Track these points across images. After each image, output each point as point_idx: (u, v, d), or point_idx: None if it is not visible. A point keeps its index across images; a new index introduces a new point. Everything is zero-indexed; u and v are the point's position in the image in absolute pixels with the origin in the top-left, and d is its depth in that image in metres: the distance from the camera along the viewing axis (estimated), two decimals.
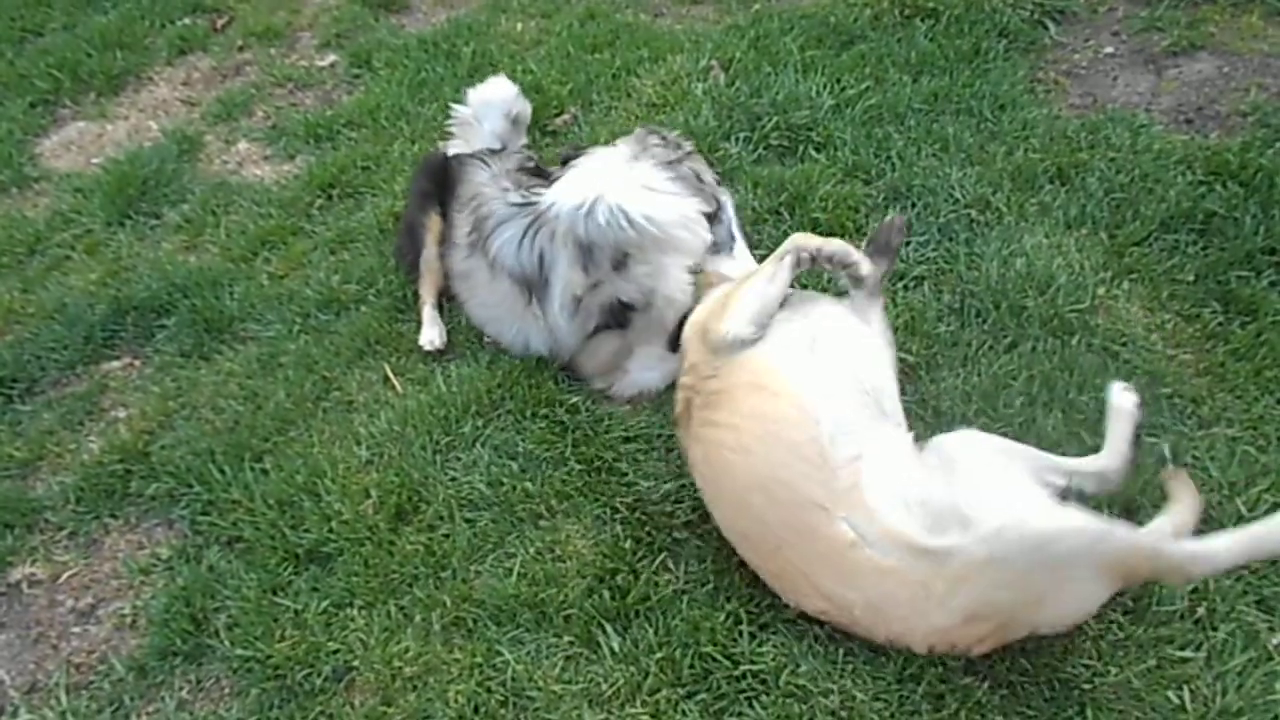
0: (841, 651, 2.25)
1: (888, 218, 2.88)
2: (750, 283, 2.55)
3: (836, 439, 2.22)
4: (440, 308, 3.31)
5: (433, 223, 3.33)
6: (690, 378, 2.50)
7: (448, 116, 3.95)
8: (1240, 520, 2.35)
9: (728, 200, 3.11)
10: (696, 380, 2.47)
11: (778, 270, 2.54)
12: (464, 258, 3.19)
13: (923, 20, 4.20)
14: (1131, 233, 3.13)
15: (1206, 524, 2.36)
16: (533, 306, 2.98)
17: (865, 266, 2.62)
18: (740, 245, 3.06)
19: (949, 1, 4.20)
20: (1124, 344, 2.83)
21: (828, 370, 2.37)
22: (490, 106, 3.69)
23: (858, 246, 2.68)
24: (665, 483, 2.68)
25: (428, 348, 3.17)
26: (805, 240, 2.60)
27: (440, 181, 3.40)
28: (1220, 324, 2.86)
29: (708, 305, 2.66)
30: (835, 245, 2.61)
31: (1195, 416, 2.64)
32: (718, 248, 2.97)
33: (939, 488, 2.15)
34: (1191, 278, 2.99)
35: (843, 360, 2.42)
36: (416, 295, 3.34)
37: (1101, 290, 2.98)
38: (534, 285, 2.95)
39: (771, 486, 2.24)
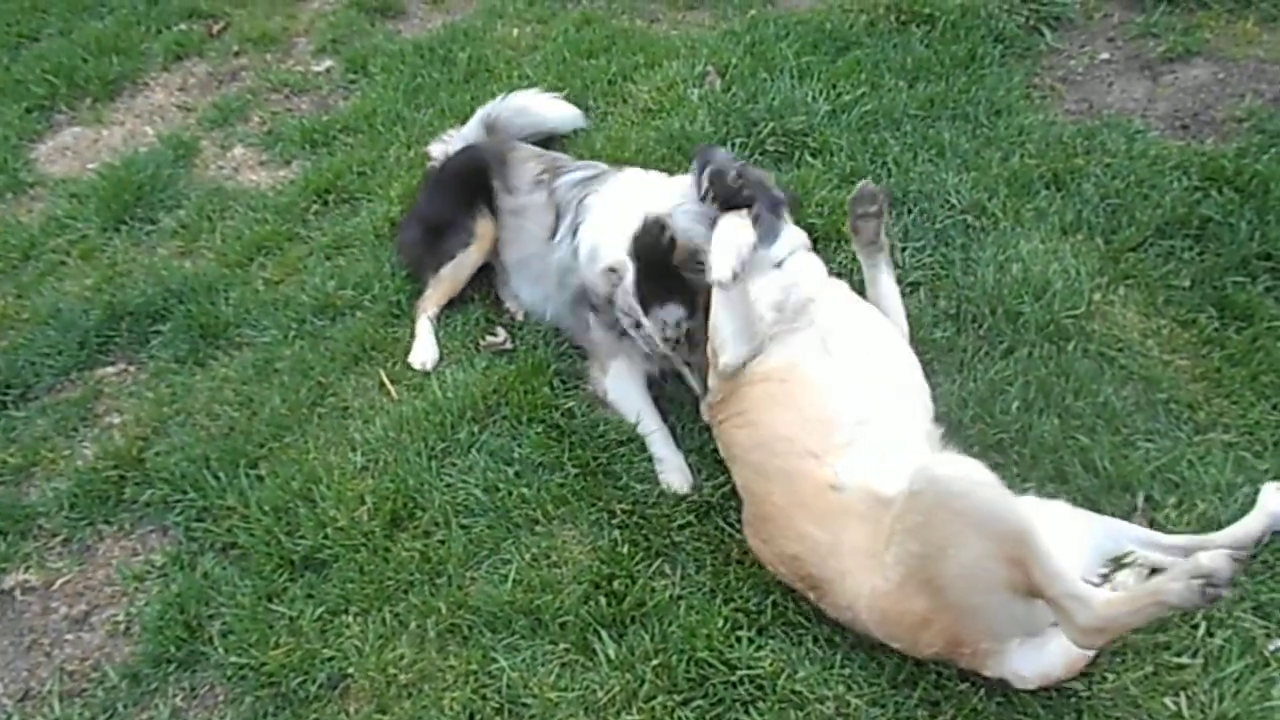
0: (839, 657, 2.25)
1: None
2: (714, 310, 2.56)
3: (844, 401, 2.33)
4: (439, 320, 3.30)
5: (481, 227, 3.31)
6: (710, 400, 2.61)
7: (444, 122, 3.96)
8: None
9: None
10: (711, 401, 2.58)
11: (724, 287, 2.44)
12: (526, 193, 3.25)
13: (918, 26, 4.20)
14: (1127, 238, 3.13)
15: (1206, 527, 2.37)
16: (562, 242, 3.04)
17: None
18: (785, 230, 2.82)
19: (945, 7, 4.21)
20: (1120, 349, 2.83)
21: (841, 360, 2.44)
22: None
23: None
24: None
25: (418, 367, 3.15)
26: (727, 234, 2.48)
27: (485, 177, 3.37)
28: (1216, 329, 2.86)
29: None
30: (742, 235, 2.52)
31: (1191, 422, 2.64)
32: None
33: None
34: (1187, 283, 2.99)
35: (856, 351, 2.48)
36: (416, 304, 3.33)
37: (1097, 296, 2.98)
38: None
39: (772, 442, 2.36)
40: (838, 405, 2.33)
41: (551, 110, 3.91)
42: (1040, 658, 2.07)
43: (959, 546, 1.95)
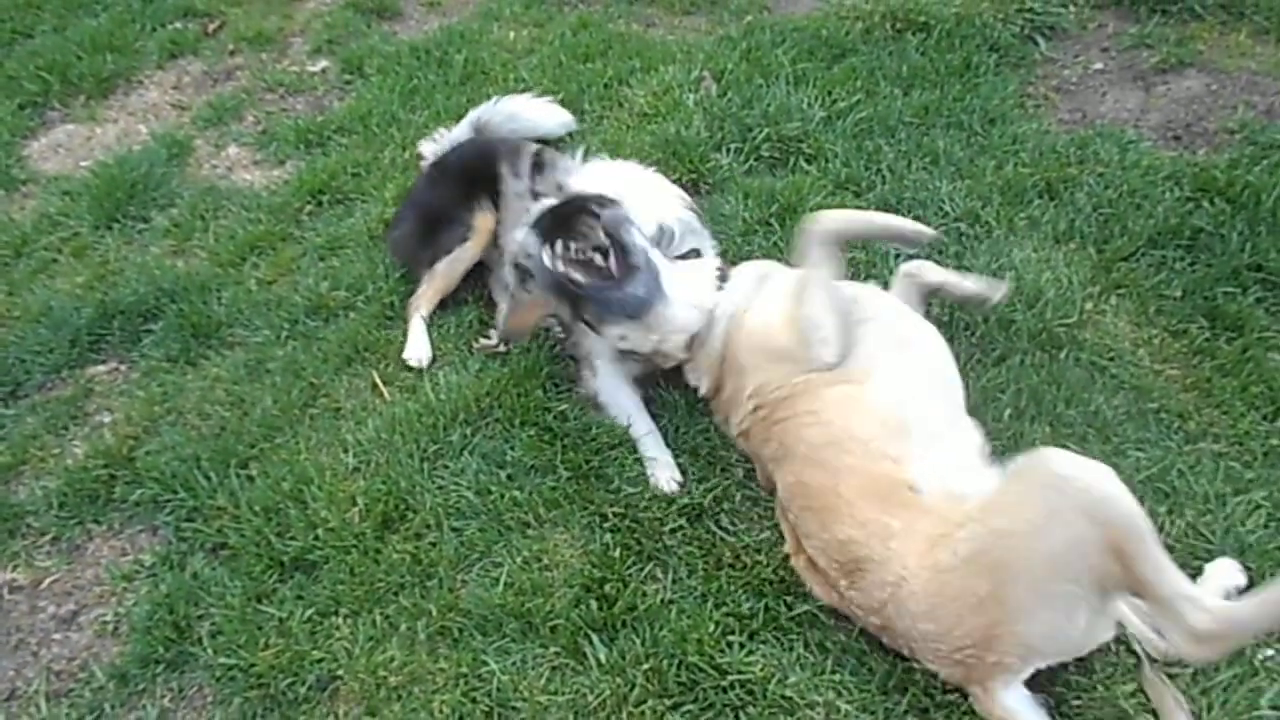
0: (829, 662, 2.25)
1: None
2: (808, 305, 2.47)
3: (921, 418, 2.30)
4: (431, 319, 3.29)
5: (481, 220, 3.30)
6: (756, 399, 2.50)
7: (439, 124, 3.95)
8: (1228, 533, 2.37)
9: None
10: (762, 401, 2.48)
11: (816, 279, 2.48)
12: (529, 176, 3.26)
13: (914, 34, 4.22)
14: (1119, 248, 3.15)
15: (1197, 538, 2.38)
16: None
17: (909, 225, 2.67)
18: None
19: (940, 16, 4.23)
20: (1111, 359, 2.84)
21: (915, 366, 2.43)
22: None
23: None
24: (651, 487, 2.68)
25: (413, 364, 3.15)
26: (823, 224, 2.55)
27: (492, 165, 3.35)
28: (1207, 340, 2.87)
29: (754, 324, 2.60)
30: (858, 221, 2.62)
31: (1181, 431, 2.65)
32: None
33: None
34: (1179, 293, 3.00)
35: (927, 357, 2.48)
36: (409, 301, 3.33)
37: (1089, 305, 2.99)
38: None
39: (845, 441, 2.29)
40: (914, 415, 2.31)
41: (543, 115, 3.91)
42: (1033, 714, 2.06)
43: (1058, 525, 1.91)
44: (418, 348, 3.18)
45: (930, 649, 2.10)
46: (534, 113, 3.88)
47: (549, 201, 2.89)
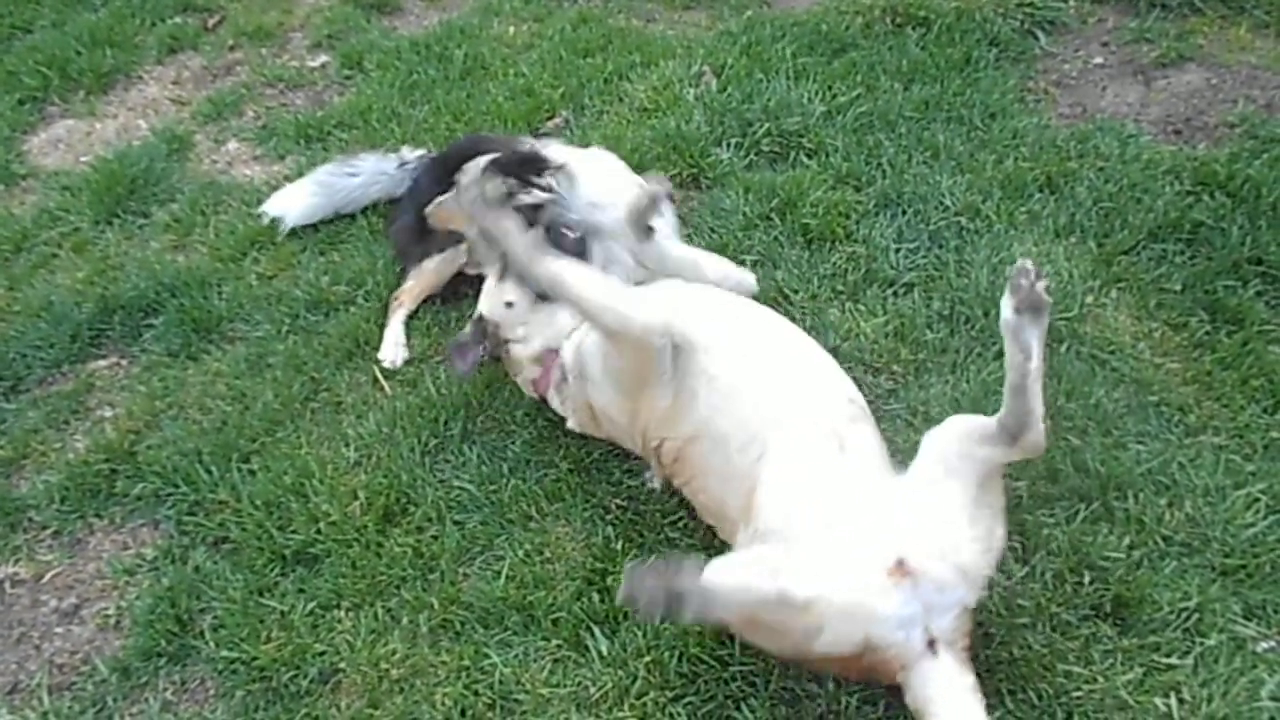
0: None
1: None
2: (577, 301, 2.41)
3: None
4: (412, 319, 3.29)
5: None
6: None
7: (439, 119, 3.95)
8: (1228, 526, 2.37)
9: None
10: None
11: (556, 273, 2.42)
12: None
13: (914, 29, 4.22)
14: (1120, 242, 3.15)
15: (1196, 527, 2.38)
16: None
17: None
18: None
19: (940, 11, 4.23)
20: (1112, 352, 2.84)
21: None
22: None
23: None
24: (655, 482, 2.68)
25: (386, 364, 3.14)
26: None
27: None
28: (1207, 333, 2.88)
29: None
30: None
31: (1182, 424, 2.66)
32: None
33: None
34: (1179, 287, 3.01)
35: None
36: (393, 295, 3.33)
37: (1090, 299, 2.99)
38: None
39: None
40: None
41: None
42: None
43: None
44: (392, 348, 3.17)
45: None
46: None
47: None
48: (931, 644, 1.95)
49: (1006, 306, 2.03)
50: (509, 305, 2.78)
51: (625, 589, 1.92)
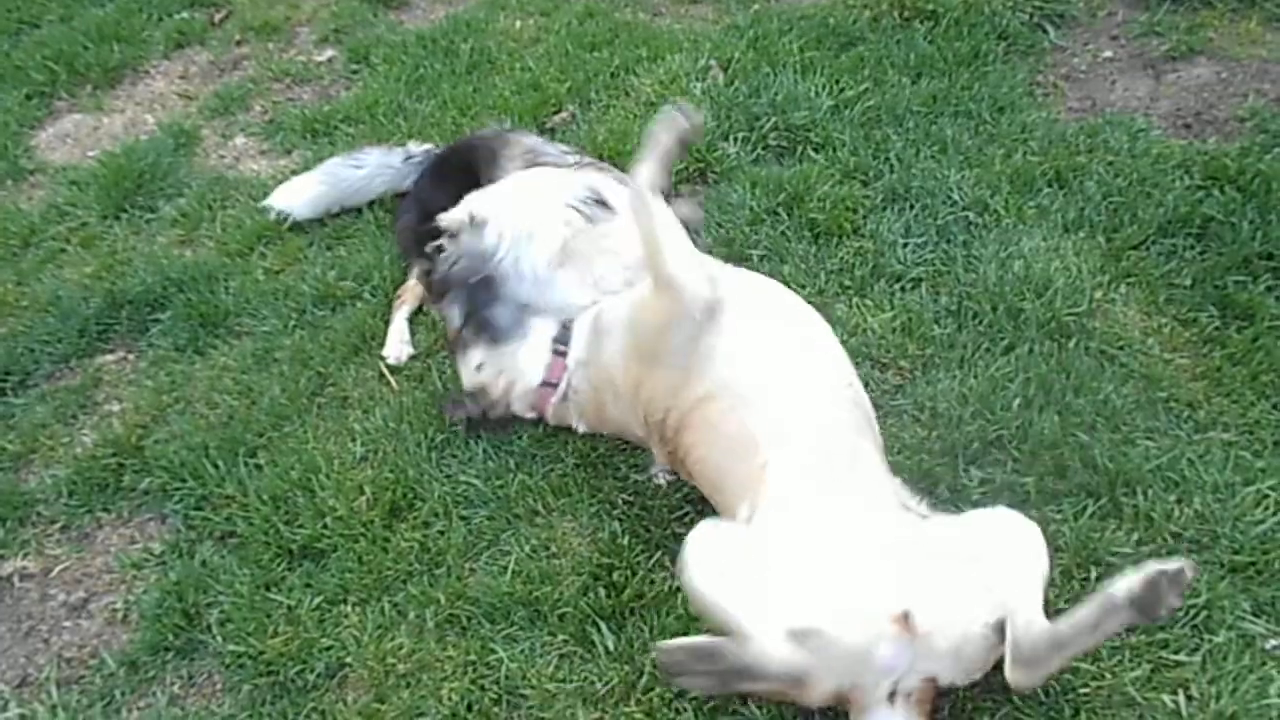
0: None
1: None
2: (655, 246, 2.41)
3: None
4: (416, 315, 3.30)
5: None
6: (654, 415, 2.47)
7: (445, 113, 3.94)
8: (1237, 523, 2.36)
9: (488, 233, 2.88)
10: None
11: (658, 213, 2.43)
12: None
13: (922, 23, 4.20)
14: (1129, 237, 3.14)
15: (1205, 524, 2.37)
16: None
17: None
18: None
19: (948, 4, 4.21)
20: (1121, 348, 2.83)
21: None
22: None
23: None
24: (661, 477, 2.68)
25: (391, 361, 3.14)
26: (646, 170, 2.53)
27: (468, 172, 3.33)
28: (1217, 329, 2.86)
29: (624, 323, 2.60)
30: (665, 137, 2.57)
31: (1191, 421, 2.64)
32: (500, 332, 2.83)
33: None
34: (1189, 282, 2.99)
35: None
36: (397, 292, 3.33)
37: (1099, 294, 2.98)
38: None
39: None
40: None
41: None
42: None
43: None
44: (397, 345, 3.17)
45: None
46: None
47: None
48: (892, 696, 1.94)
49: (1127, 588, 1.84)
50: (479, 368, 2.80)
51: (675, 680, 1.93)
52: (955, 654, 1.93)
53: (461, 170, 3.39)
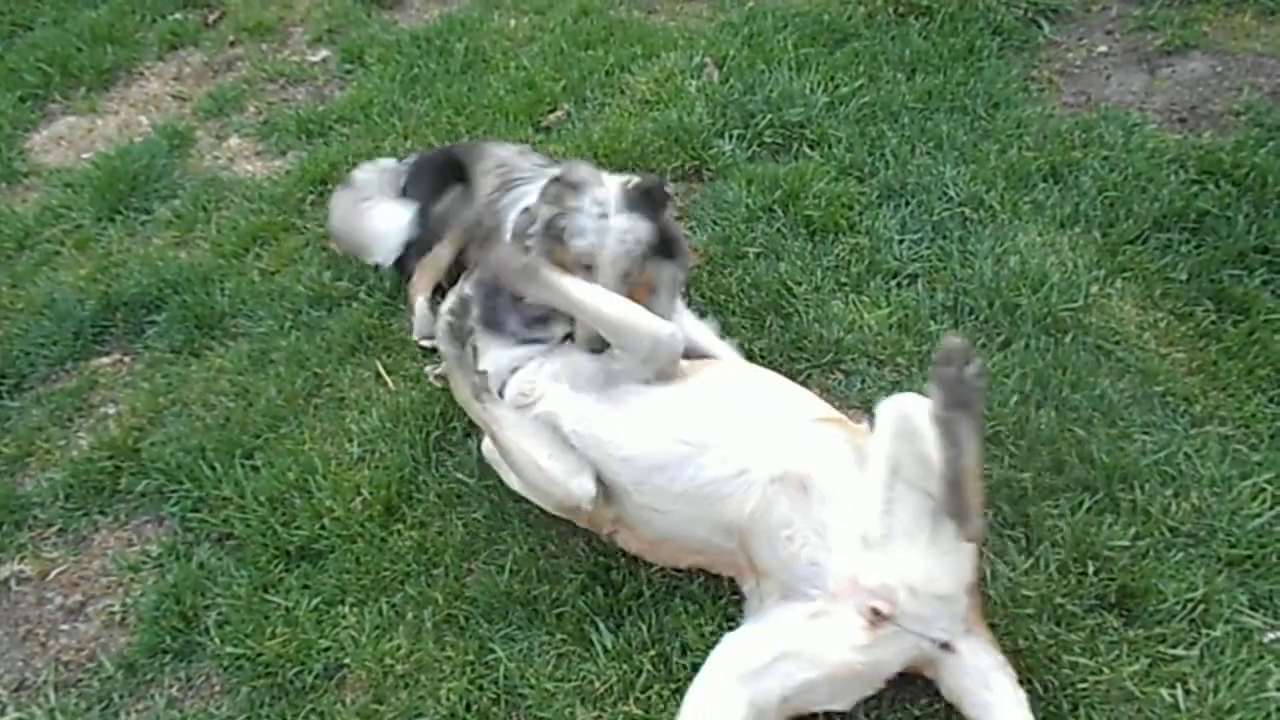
0: None
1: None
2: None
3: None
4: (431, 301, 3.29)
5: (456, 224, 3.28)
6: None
7: (440, 113, 3.93)
8: (1234, 516, 2.36)
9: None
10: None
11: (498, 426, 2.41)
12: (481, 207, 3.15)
13: (916, 19, 4.20)
14: (1124, 231, 3.14)
15: (1202, 518, 2.37)
16: None
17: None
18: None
19: (942, 0, 4.20)
20: (1117, 342, 2.83)
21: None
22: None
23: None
24: None
25: (425, 344, 3.15)
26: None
27: (453, 181, 3.32)
28: (1213, 322, 2.86)
29: None
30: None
31: (1188, 415, 2.65)
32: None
33: None
34: (1184, 276, 2.99)
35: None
36: (408, 288, 3.32)
37: (1095, 288, 2.98)
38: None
39: None
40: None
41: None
42: None
43: None
44: (423, 325, 3.18)
45: None
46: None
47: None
48: (945, 645, 1.98)
49: (935, 402, 1.90)
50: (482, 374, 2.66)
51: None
52: (938, 598, 2.00)
53: (436, 182, 3.37)
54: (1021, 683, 2.10)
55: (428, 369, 3.03)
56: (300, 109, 4.44)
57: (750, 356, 2.87)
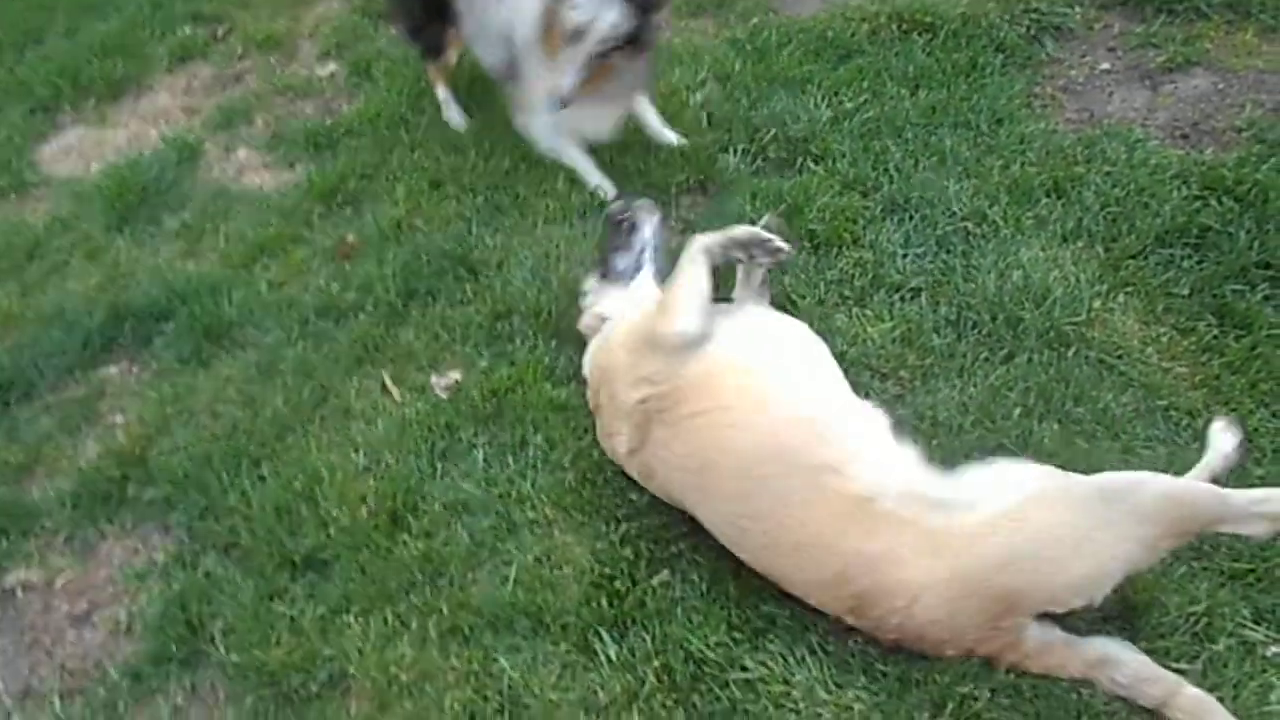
0: (839, 660, 2.25)
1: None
2: (676, 284, 2.57)
3: (831, 410, 2.35)
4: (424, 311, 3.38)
5: (449, 35, 3.96)
6: (641, 391, 2.46)
7: (445, 127, 3.97)
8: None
9: (648, 222, 3.07)
10: (651, 391, 2.45)
11: (694, 268, 2.58)
12: None
13: (920, 35, 4.23)
14: (1127, 246, 3.15)
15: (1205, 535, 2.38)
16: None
17: (785, 246, 2.70)
18: (644, 275, 3.00)
19: (946, 16, 4.23)
20: (1120, 357, 2.84)
21: (797, 354, 2.51)
22: None
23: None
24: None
25: (454, 127, 3.83)
26: (708, 238, 2.66)
27: None
28: (1215, 337, 2.87)
29: (622, 327, 2.69)
30: (740, 231, 2.69)
31: (1190, 429, 2.65)
32: (615, 275, 3.01)
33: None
34: (1187, 291, 3.00)
35: (805, 347, 2.57)
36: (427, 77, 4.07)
37: (1097, 303, 2.99)
38: None
39: (783, 454, 2.24)
40: (823, 406, 2.36)
41: None
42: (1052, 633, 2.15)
43: (1110, 534, 2.06)
44: (454, 112, 3.95)
45: (940, 642, 2.13)
46: None
47: None
48: None
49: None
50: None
51: None
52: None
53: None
54: (1024, 694, 2.12)
55: (433, 380, 3.06)
56: (308, 122, 4.47)
57: None
